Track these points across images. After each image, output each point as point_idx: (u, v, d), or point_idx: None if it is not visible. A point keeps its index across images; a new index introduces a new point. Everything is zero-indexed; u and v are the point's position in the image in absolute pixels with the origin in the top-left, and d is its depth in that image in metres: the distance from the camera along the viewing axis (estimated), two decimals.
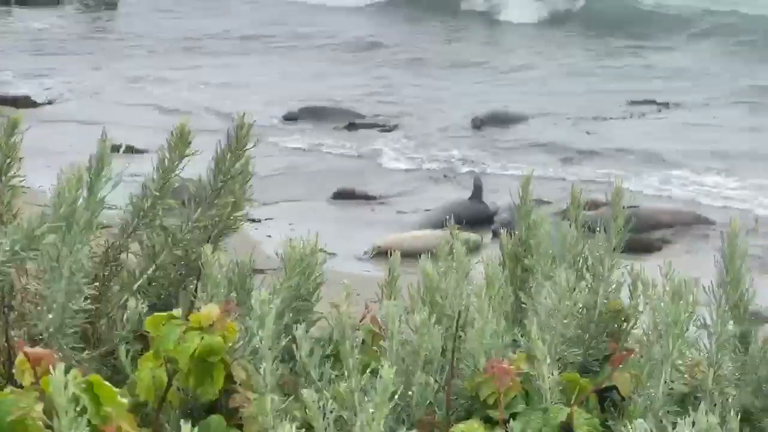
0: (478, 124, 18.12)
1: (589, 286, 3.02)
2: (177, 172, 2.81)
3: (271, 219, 13.07)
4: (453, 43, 25.99)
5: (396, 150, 17.26)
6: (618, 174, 15.65)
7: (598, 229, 3.09)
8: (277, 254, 2.91)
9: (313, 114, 18.70)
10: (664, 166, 16.70)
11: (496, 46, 25.62)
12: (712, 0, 26.65)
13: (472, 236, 10.95)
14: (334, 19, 28.31)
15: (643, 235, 12.92)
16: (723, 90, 21.11)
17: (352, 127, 18.30)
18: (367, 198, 14.92)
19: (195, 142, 3.07)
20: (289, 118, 18.66)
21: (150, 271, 2.88)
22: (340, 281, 3.33)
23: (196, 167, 3.10)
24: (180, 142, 2.77)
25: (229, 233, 3.11)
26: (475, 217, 12.60)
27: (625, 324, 3.06)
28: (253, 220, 13.26)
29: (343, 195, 14.70)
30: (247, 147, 2.86)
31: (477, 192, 13.43)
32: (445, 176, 16.13)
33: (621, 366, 2.90)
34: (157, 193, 2.80)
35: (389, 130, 18.42)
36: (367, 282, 4.44)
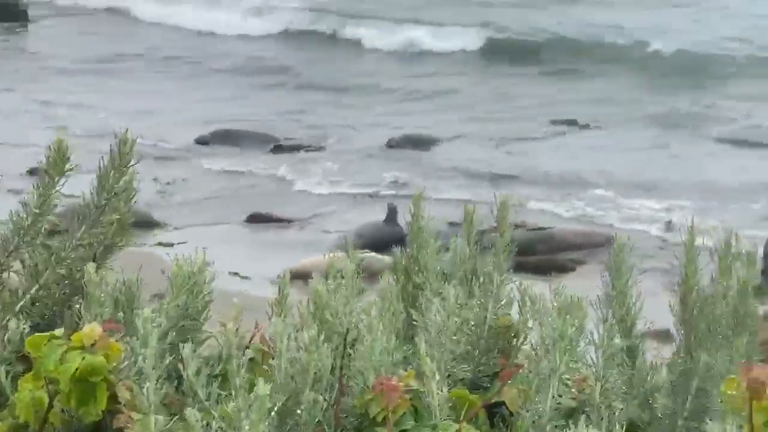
0: (393, 145, 18.25)
1: (479, 302, 3.03)
2: (57, 188, 2.78)
3: (184, 243, 12.99)
4: (350, 69, 25.97)
5: (316, 173, 17.28)
6: (506, 192, 15.84)
7: (488, 245, 3.11)
8: (163, 272, 2.89)
9: (226, 137, 18.67)
10: (583, 187, 16.92)
11: (402, 73, 25.73)
12: (618, 32, 27.15)
13: (386, 258, 10.98)
14: (240, 46, 28.24)
15: (557, 256, 13.06)
16: (639, 114, 21.46)
17: (277, 149, 18.30)
18: (282, 221, 14.88)
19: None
20: (202, 141, 18.58)
21: (33, 291, 2.83)
22: (251, 305, 3.31)
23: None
24: (58, 159, 2.73)
25: (116, 251, 3.07)
26: (389, 239, 12.66)
27: (515, 340, 3.07)
28: (166, 244, 13.16)
29: (258, 218, 14.66)
30: (130, 163, 2.84)
31: (391, 215, 13.50)
32: (371, 196, 16.18)
33: (510, 381, 2.91)
34: (38, 211, 2.76)
35: (315, 150, 18.45)
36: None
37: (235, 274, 12.31)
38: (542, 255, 12.74)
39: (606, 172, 17.63)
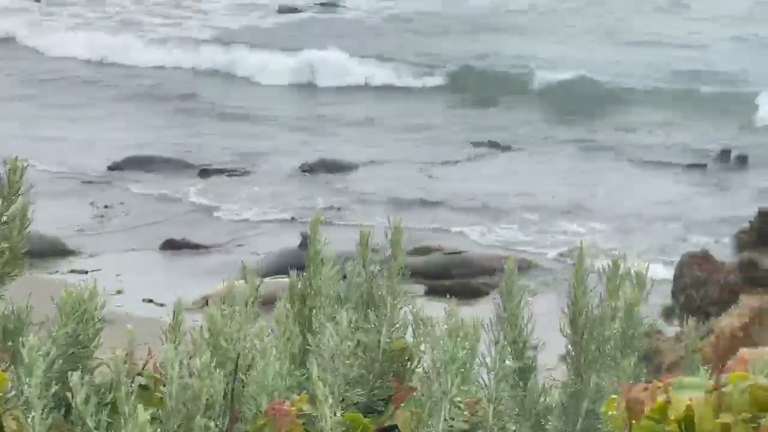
0: (307, 169, 18.36)
1: (373, 326, 3.04)
2: None
3: (98, 270, 12.87)
4: (256, 98, 25.91)
5: (240, 198, 17.26)
6: (396, 216, 15.96)
7: (379, 269, 3.12)
8: (53, 299, 2.85)
9: (139, 164, 18.59)
10: (506, 210, 17.07)
11: (312, 103, 25.79)
12: (527, 62, 27.54)
13: None
14: (147, 74, 28.08)
15: (473, 280, 13.13)
16: (556, 138, 21.76)
17: (203, 174, 18.26)
18: (199, 247, 14.81)
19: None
20: (114, 167, 18.47)
21: None
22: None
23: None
24: None
25: (8, 281, 3.03)
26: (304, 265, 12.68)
27: (409, 363, 3.08)
28: (80, 272, 13.02)
29: (173, 245, 14.57)
30: (20, 192, 2.80)
31: (305, 241, 13.53)
32: (292, 219, 16.15)
33: (403, 404, 2.92)
34: None
35: (238, 176, 18.46)
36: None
37: (150, 300, 12.22)
38: (458, 279, 12.81)
39: (528, 195, 17.82)
